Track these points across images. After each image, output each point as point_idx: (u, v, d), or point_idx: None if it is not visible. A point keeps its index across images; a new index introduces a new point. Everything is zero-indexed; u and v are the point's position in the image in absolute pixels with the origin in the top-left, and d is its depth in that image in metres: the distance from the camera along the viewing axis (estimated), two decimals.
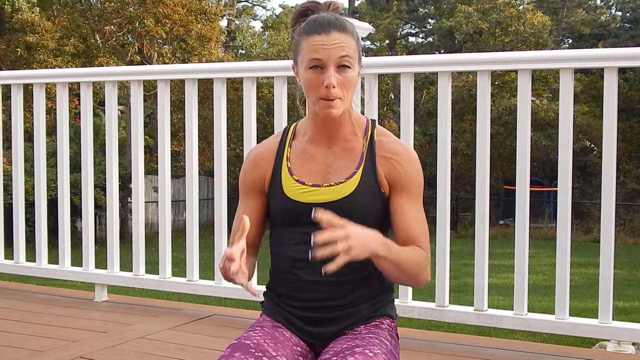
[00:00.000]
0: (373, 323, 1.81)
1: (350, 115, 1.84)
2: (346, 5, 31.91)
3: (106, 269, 3.85)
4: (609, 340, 4.75)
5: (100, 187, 7.34)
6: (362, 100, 3.06)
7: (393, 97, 25.63)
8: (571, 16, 29.93)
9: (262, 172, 1.87)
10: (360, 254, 1.57)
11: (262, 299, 1.93)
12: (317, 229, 1.72)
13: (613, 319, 2.85)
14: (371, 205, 1.78)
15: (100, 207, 12.77)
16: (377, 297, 1.83)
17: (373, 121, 1.89)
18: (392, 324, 1.85)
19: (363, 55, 1.88)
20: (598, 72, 21.49)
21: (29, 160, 4.21)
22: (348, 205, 1.76)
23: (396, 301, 3.09)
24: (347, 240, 1.54)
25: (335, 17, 1.76)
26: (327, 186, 1.79)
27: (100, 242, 4.45)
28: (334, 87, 1.72)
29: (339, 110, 1.75)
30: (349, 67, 1.74)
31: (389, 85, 25.33)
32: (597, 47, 25.62)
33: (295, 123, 1.94)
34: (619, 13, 32.01)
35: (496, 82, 22.72)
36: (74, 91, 12.94)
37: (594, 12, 31.05)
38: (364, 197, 1.78)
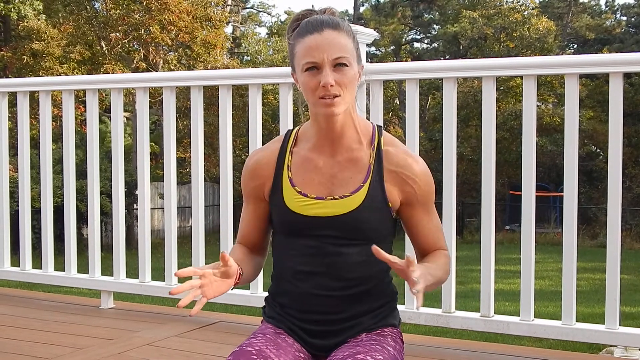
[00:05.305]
0: (376, 331, 1.79)
1: (354, 120, 1.77)
2: (351, 11, 31.95)
3: (112, 276, 3.85)
4: (615, 346, 4.73)
5: (106, 193, 7.40)
6: (367, 107, 3.06)
7: (398, 103, 25.65)
8: (576, 21, 29.94)
9: (262, 181, 1.81)
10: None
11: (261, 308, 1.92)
12: (319, 242, 1.73)
13: (620, 325, 2.83)
14: (376, 220, 1.73)
15: (106, 214, 12.85)
16: (380, 308, 1.80)
17: (379, 127, 1.82)
18: (395, 330, 1.83)
19: (368, 61, 1.86)
20: (603, 77, 21.48)
21: (35, 167, 4.22)
22: (352, 220, 1.72)
23: (402, 307, 3.11)
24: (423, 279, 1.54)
25: (328, 17, 1.72)
26: (331, 199, 1.73)
27: (106, 249, 4.45)
28: (331, 85, 1.66)
29: (340, 108, 1.69)
30: (346, 65, 1.68)
31: (394, 91, 25.35)
32: (602, 52, 25.61)
33: (297, 127, 1.86)
34: (624, 18, 32.00)
35: (501, 88, 22.70)
36: (80, 98, 13.01)
37: (599, 17, 31.06)
38: (370, 212, 1.72)
